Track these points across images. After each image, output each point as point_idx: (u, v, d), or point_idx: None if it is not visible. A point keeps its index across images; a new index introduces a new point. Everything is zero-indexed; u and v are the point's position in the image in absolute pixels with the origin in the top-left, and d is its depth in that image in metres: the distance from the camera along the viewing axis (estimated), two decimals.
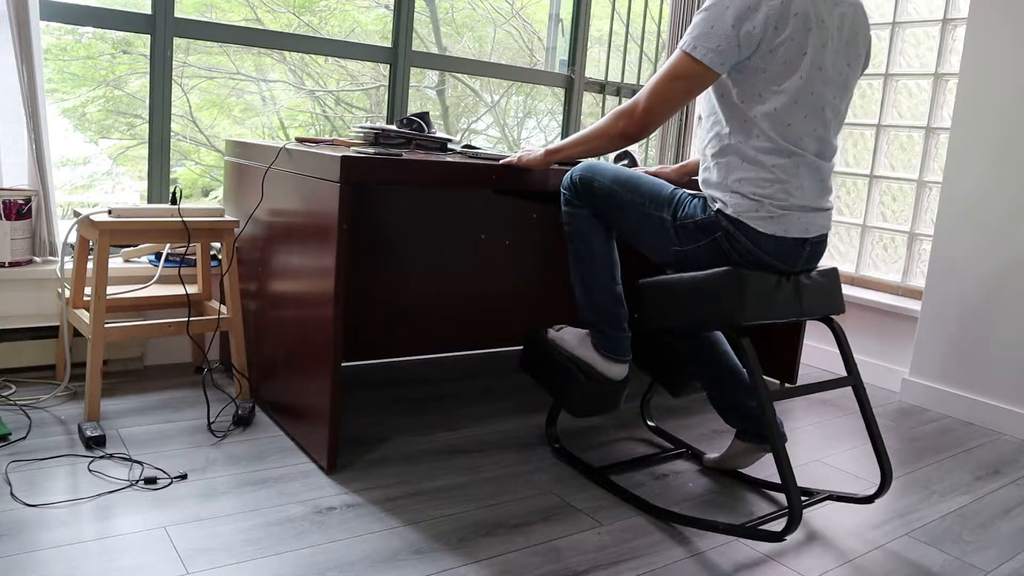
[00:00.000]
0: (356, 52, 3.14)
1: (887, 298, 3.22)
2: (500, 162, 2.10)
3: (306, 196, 1.99)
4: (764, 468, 2.17)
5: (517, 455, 2.16)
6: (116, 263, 2.56)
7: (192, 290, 2.49)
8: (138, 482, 1.80)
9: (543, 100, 4.31)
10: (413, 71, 3.21)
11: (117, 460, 1.90)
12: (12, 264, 2.35)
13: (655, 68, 4.06)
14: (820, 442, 2.49)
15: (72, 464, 1.86)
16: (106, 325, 2.08)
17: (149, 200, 2.68)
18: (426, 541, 1.67)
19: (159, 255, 2.58)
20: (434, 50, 3.91)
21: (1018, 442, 2.67)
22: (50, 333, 2.39)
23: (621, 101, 3.86)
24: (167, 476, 1.84)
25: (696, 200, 1.81)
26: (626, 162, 2.51)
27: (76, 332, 2.35)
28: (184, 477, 1.84)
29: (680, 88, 1.72)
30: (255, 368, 2.36)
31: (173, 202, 2.24)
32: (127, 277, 2.51)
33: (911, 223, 3.25)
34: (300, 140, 2.37)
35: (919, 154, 3.23)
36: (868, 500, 1.96)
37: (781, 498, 2.03)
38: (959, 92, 2.86)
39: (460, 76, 4.10)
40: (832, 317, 1.94)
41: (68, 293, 2.28)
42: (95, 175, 3.49)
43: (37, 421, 2.08)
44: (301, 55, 3.63)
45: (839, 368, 3.27)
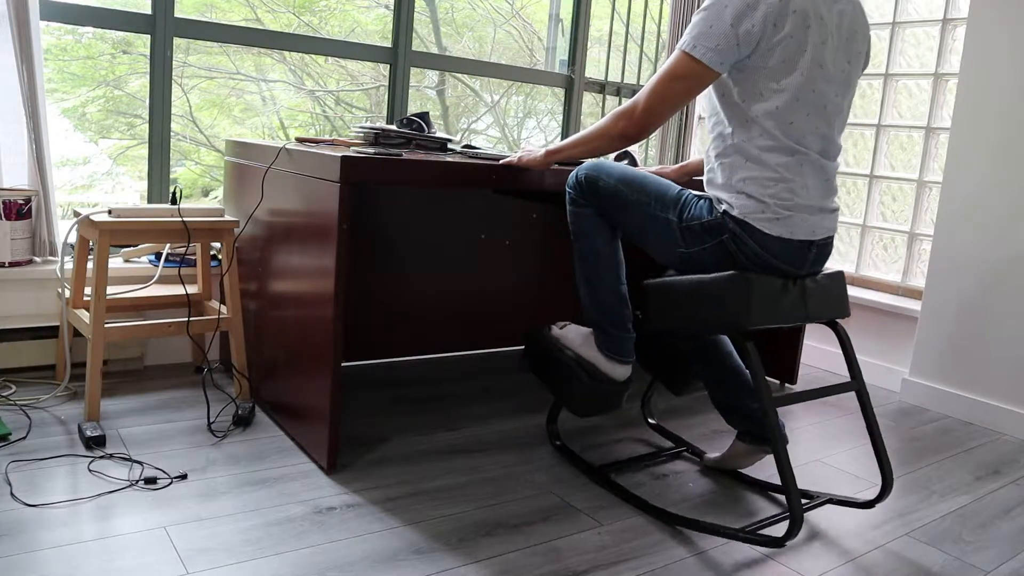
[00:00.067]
0: (356, 52, 3.14)
1: (887, 298, 3.22)
2: (500, 162, 2.09)
3: (306, 196, 1.99)
4: (764, 468, 2.17)
5: (517, 455, 2.16)
6: (116, 263, 2.56)
7: (192, 290, 2.49)
8: (138, 482, 1.80)
9: (543, 100, 4.31)
10: (413, 71, 3.21)
11: (117, 460, 1.90)
12: (12, 264, 2.35)
13: (655, 68, 4.05)
14: (820, 442, 2.49)
15: (72, 464, 1.86)
16: (106, 325, 2.08)
17: (149, 200, 2.68)
18: (426, 541, 1.67)
19: (159, 255, 2.58)
20: (434, 50, 3.90)
21: (1018, 442, 2.67)
22: (50, 333, 2.39)
23: (621, 101, 3.86)
24: (167, 476, 1.84)
25: (702, 201, 1.79)
26: (626, 162, 2.51)
27: (76, 332, 2.35)
28: (184, 477, 1.84)
29: (680, 88, 1.72)
30: (255, 368, 2.36)
31: (173, 202, 2.24)
32: (127, 277, 2.51)
33: (911, 223, 3.25)
34: (300, 140, 2.37)
35: (919, 154, 3.23)
36: (868, 505, 1.96)
37: (781, 499, 2.03)
38: (959, 92, 2.86)
39: (460, 76, 4.10)
40: (836, 321, 1.92)
41: (68, 293, 2.28)
42: (95, 175, 3.49)
43: (37, 421, 2.08)
44: (301, 55, 3.62)
45: (839, 368, 3.27)
